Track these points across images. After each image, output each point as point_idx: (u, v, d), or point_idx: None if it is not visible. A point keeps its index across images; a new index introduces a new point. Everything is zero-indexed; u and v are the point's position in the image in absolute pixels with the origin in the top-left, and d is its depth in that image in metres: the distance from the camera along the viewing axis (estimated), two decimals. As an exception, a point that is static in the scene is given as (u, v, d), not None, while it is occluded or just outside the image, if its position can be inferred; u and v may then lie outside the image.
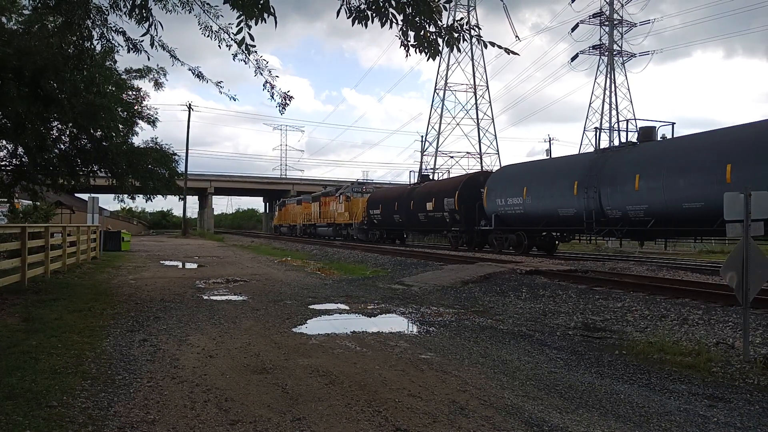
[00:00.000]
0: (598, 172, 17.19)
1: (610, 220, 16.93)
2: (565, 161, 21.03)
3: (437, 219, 25.70)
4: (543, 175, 20.23)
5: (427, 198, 26.49)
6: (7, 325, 7.22)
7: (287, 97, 8.55)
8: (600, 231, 17.74)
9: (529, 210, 20.00)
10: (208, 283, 13.40)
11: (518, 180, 21.01)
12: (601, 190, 16.92)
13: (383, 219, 31.93)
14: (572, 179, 18.12)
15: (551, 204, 19.03)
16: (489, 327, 8.25)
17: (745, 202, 6.30)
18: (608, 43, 62.33)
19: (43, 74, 10.50)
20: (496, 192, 21.72)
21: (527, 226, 20.53)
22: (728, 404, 4.89)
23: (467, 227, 23.70)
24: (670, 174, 14.89)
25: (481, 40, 5.39)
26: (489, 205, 21.96)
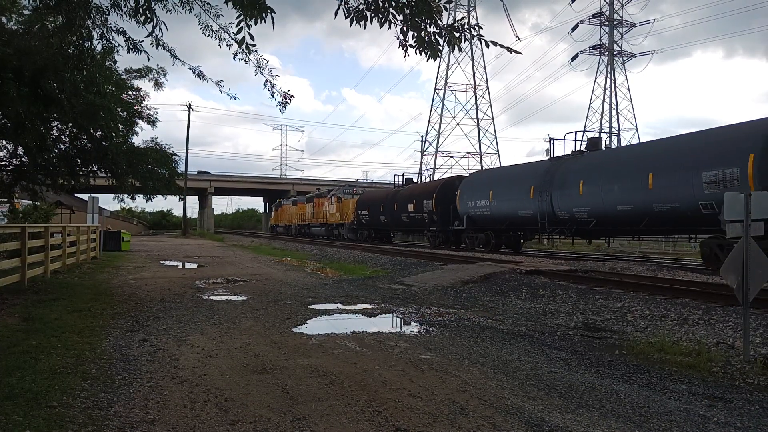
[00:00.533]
0: (551, 178, 19.08)
1: (561, 221, 18.81)
2: (524, 168, 22.96)
3: (418, 219, 27.87)
4: (506, 181, 22.54)
5: (408, 200, 28.56)
6: (7, 325, 7.22)
7: (287, 96, 8.56)
8: (552, 230, 19.79)
9: (495, 211, 22.12)
10: (208, 283, 13.40)
11: (486, 184, 23.31)
12: (553, 194, 18.82)
13: (371, 219, 33.81)
14: (529, 184, 20.05)
15: (512, 206, 21.16)
16: (489, 327, 8.25)
17: (745, 202, 6.30)
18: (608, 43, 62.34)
19: (43, 74, 10.50)
20: (467, 195, 23.83)
21: (494, 225, 22.58)
22: (728, 404, 4.89)
23: (443, 227, 25.82)
24: (607, 181, 16.86)
25: (483, 39, 5.38)
26: (461, 207, 24.11)
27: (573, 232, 19.14)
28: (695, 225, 14.72)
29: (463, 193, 24.24)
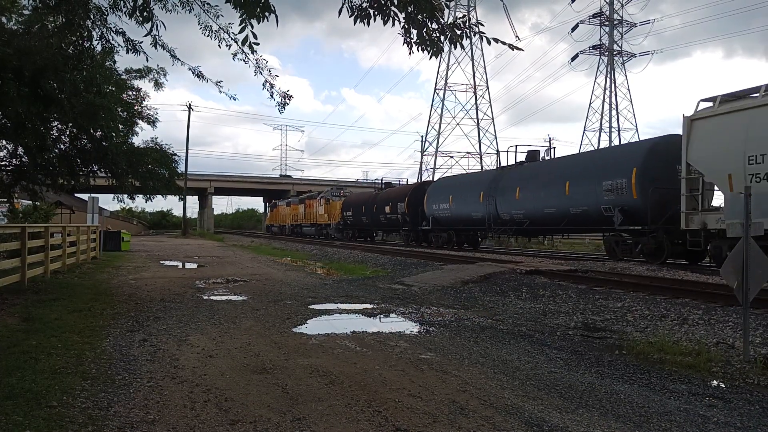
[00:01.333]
0: (496, 185, 22.36)
1: (503, 222, 21.84)
2: (476, 176, 27.60)
3: (393, 220, 31.10)
4: (462, 187, 25.56)
5: (386, 203, 31.76)
6: (7, 325, 7.22)
7: (287, 96, 8.57)
8: (497, 230, 22.93)
9: (454, 213, 25.23)
10: (208, 283, 13.40)
11: (447, 190, 26.46)
12: (497, 198, 21.99)
13: (354, 220, 36.70)
14: (480, 190, 23.27)
15: (467, 209, 24.19)
16: (489, 327, 8.25)
17: (746, 203, 6.30)
18: (608, 43, 62.39)
19: (43, 74, 10.50)
20: (433, 199, 26.87)
21: (454, 225, 25.72)
22: (728, 404, 4.89)
23: (414, 227, 29.04)
24: (537, 187, 20.04)
25: (484, 36, 5.38)
26: (428, 210, 27.15)
27: (513, 231, 22.44)
28: (599, 224, 17.69)
29: (429, 197, 27.21)
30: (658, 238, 15.13)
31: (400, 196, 30.39)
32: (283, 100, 8.53)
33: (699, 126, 13.68)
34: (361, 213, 35.15)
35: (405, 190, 30.96)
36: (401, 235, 32.07)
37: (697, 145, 13.62)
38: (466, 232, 25.69)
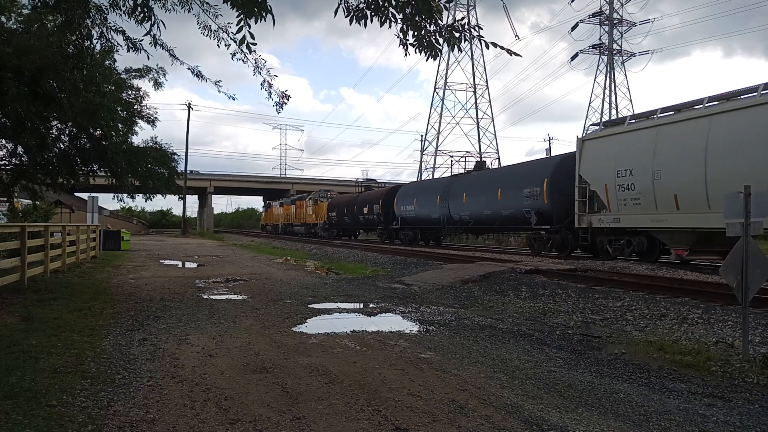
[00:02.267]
0: (449, 190, 25.76)
1: (455, 222, 25.35)
2: (435, 182, 31.67)
3: (371, 220, 34.52)
4: (424, 191, 29.17)
5: (364, 204, 35.09)
6: (6, 324, 7.22)
7: (285, 96, 8.57)
8: (450, 229, 26.60)
9: (418, 214, 28.89)
10: (207, 282, 13.40)
11: (412, 194, 30.04)
12: (449, 202, 25.38)
13: (338, 220, 39.66)
14: (436, 194, 26.74)
15: (427, 211, 27.65)
16: (488, 326, 8.25)
17: (745, 202, 6.30)
18: (608, 43, 62.35)
19: (42, 73, 10.49)
20: (401, 201, 30.48)
21: (418, 225, 29.45)
22: (728, 403, 4.90)
23: (386, 226, 32.37)
24: (478, 193, 23.51)
25: (483, 40, 5.37)
26: (397, 211, 30.69)
27: (462, 230, 26.68)
28: (522, 224, 21.07)
29: (399, 199, 30.74)
30: (563, 235, 18.50)
31: (376, 198, 33.89)
32: (281, 99, 8.53)
33: (587, 145, 17.03)
34: (344, 214, 38.20)
35: (380, 194, 34.37)
36: (377, 233, 35.48)
37: (585, 161, 16.94)
38: (428, 231, 29.35)
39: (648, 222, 14.83)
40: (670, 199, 14.09)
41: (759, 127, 11.84)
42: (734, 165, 12.33)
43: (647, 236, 15.34)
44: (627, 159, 15.25)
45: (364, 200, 35.64)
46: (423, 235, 29.72)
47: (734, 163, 12.37)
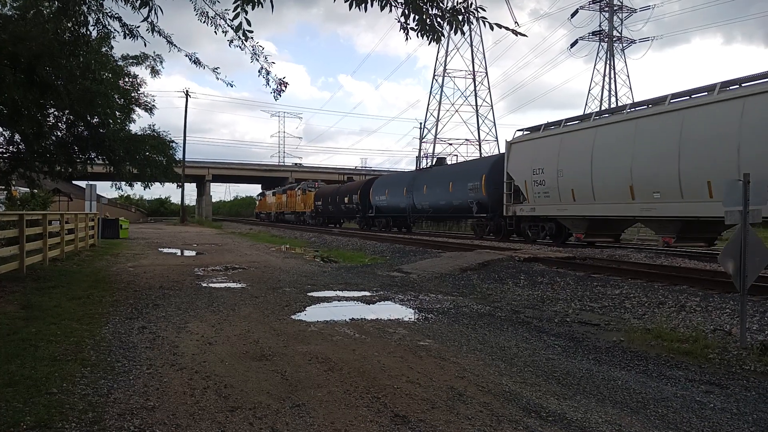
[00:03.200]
0: (414, 182, 29.40)
1: (418, 211, 29.00)
2: (403, 175, 34.62)
3: (351, 208, 37.91)
4: (395, 183, 32.65)
5: (345, 194, 38.42)
6: (6, 312, 7.23)
7: (283, 83, 8.53)
8: (414, 217, 30.89)
9: (389, 204, 32.38)
10: (206, 270, 13.41)
11: (385, 185, 33.55)
12: (414, 193, 29.00)
13: (323, 209, 43.03)
14: (404, 186, 30.40)
15: (397, 201, 31.24)
16: (487, 314, 8.28)
17: (744, 190, 6.30)
18: (608, 29, 61.98)
19: (39, 60, 10.42)
20: (375, 192, 34.07)
21: (390, 213, 32.92)
22: (725, 390, 4.92)
23: (363, 214, 36.00)
24: (436, 185, 27.04)
25: (486, 22, 5.31)
26: (372, 200, 34.31)
27: (424, 218, 31.20)
28: (467, 213, 24.52)
29: (373, 190, 34.31)
30: (497, 222, 22.27)
31: (355, 189, 37.42)
32: (279, 87, 8.49)
33: (513, 148, 20.68)
34: (328, 203, 41.76)
35: (358, 185, 38.32)
36: (356, 220, 38.74)
37: (511, 161, 20.60)
38: (398, 218, 32.73)
39: (555, 211, 18.46)
40: (569, 192, 17.63)
41: (625, 134, 15.61)
42: (609, 163, 16.01)
43: (555, 222, 19.09)
44: (540, 160, 18.80)
45: (345, 191, 39.09)
46: (394, 222, 33.12)
47: (609, 162, 16.00)
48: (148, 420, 3.83)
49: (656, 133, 14.56)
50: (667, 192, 14.17)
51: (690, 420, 4.16)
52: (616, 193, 15.83)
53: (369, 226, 35.55)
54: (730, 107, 12.76)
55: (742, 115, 12.36)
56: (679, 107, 14.22)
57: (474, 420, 3.98)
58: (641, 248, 18.45)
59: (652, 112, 14.96)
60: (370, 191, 34.41)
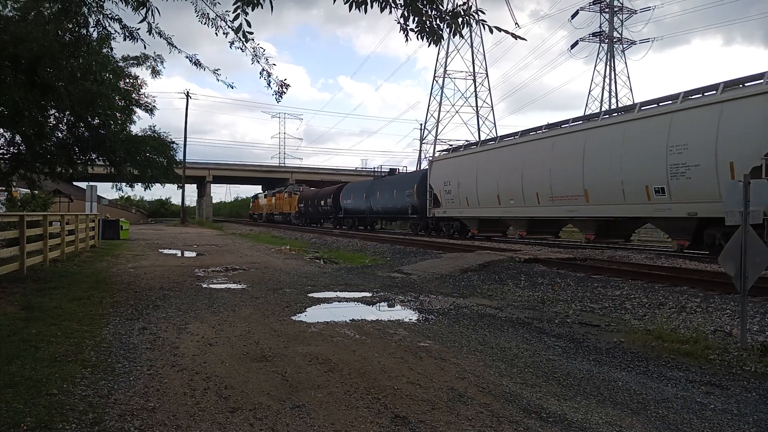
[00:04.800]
0: (371, 189, 35.08)
1: (375, 212, 35.03)
2: (364, 182, 39.33)
3: (326, 210, 43.59)
4: (358, 189, 38.16)
5: (322, 198, 44.53)
6: (6, 313, 7.23)
7: (284, 85, 8.52)
8: (371, 218, 37.14)
9: (354, 206, 38.10)
10: (207, 271, 13.41)
11: (351, 191, 39.30)
12: (371, 198, 34.72)
13: (305, 210, 48.59)
14: (364, 192, 36.09)
15: (358, 204, 37.04)
16: (487, 315, 8.27)
17: (744, 191, 6.30)
18: (608, 30, 61.98)
19: (40, 62, 10.41)
20: (343, 196, 39.75)
21: (354, 215, 38.62)
22: (725, 391, 4.92)
23: (335, 215, 41.55)
24: (385, 192, 32.85)
25: (486, 24, 5.30)
26: (342, 204, 39.86)
27: (378, 218, 37.37)
28: (406, 215, 30.65)
29: (342, 195, 39.95)
30: (424, 222, 28.50)
31: (329, 194, 42.98)
32: (281, 89, 8.48)
33: (433, 165, 27.29)
34: (309, 205, 47.32)
35: (332, 190, 43.43)
36: (330, 220, 44.33)
37: (432, 175, 26.75)
38: (360, 219, 38.42)
39: (458, 213, 24.76)
40: (465, 199, 23.94)
41: (495, 158, 22.05)
42: (486, 179, 22.35)
43: (459, 222, 25.49)
44: (448, 175, 25.04)
45: (322, 195, 45.41)
46: (359, 222, 38.97)
47: (486, 178, 22.35)
48: (148, 421, 3.83)
49: (508, 158, 21.24)
50: (517, 199, 20.55)
51: (690, 421, 4.16)
52: (490, 200, 22.18)
53: (340, 225, 41.27)
54: (576, 138, 17.89)
55: (585, 143, 17.43)
56: (521, 141, 20.95)
57: (474, 421, 3.98)
58: (641, 249, 18.45)
59: (509, 143, 21.90)
60: (340, 196, 40.26)
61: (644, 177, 14.99)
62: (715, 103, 13.41)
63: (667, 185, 14.36)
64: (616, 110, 21.55)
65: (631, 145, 15.50)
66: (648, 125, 15.16)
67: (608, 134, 16.54)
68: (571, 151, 17.80)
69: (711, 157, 13.29)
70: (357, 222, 39.05)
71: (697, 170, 13.63)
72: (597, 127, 17.24)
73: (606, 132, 16.70)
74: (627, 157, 15.61)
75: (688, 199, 13.87)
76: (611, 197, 16.26)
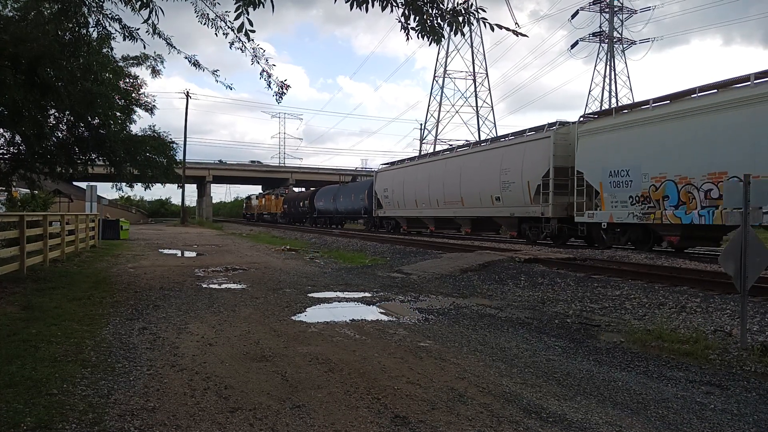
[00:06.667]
0: (337, 193, 42.15)
1: (340, 213, 42.12)
2: (332, 187, 45.73)
3: (304, 211, 50.24)
4: (327, 193, 44.67)
5: (302, 200, 51.58)
6: (6, 313, 7.23)
7: (284, 86, 8.53)
8: (337, 218, 44.09)
9: (324, 208, 44.52)
10: (207, 271, 13.41)
11: (323, 194, 45.49)
12: (336, 201, 41.73)
13: (288, 211, 55.13)
14: (331, 196, 43.12)
15: (328, 206, 43.76)
16: (487, 315, 8.27)
17: (744, 191, 6.30)
18: (608, 30, 61.97)
19: (39, 62, 10.41)
20: (317, 199, 46.47)
21: (327, 215, 45.00)
22: (725, 391, 4.92)
23: (311, 216, 48.23)
24: (347, 196, 39.73)
25: (487, 23, 5.30)
26: (316, 205, 46.63)
27: (343, 218, 43.66)
28: (361, 214, 38.02)
29: (315, 198, 46.81)
30: (375, 222, 35.14)
31: (306, 197, 50.20)
32: (281, 89, 8.49)
33: (378, 175, 34.17)
34: (291, 206, 54.03)
35: (308, 194, 50.66)
36: (307, 220, 50.15)
37: (376, 183, 33.75)
38: (330, 218, 44.90)
39: (393, 213, 32.20)
40: (396, 203, 31.05)
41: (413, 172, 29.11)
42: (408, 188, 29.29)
43: (395, 220, 32.76)
44: (387, 183, 32.35)
45: (302, 197, 52.42)
46: (330, 221, 45.38)
47: (408, 187, 29.28)
48: (148, 421, 3.83)
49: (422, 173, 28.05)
50: (427, 203, 27.51)
51: (690, 421, 4.16)
52: (411, 204, 29.18)
53: (315, 224, 47.48)
54: (457, 160, 25.15)
55: (461, 164, 24.48)
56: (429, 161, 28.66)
57: (474, 421, 3.98)
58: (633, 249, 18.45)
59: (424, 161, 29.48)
60: (314, 199, 47.07)
61: (490, 190, 21.99)
62: (522, 143, 20.64)
63: (501, 195, 21.38)
64: (485, 140, 27.67)
65: (485, 167, 22.47)
66: (493, 154, 22.36)
67: (474, 159, 23.72)
68: (454, 170, 24.96)
69: (520, 178, 20.21)
70: (328, 221, 45.49)
71: (514, 186, 20.60)
72: (468, 154, 24.90)
73: (474, 157, 23.89)
74: (483, 175, 22.56)
75: (511, 204, 20.86)
76: (476, 203, 23.27)
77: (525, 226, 20.47)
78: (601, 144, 16.62)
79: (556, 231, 18.84)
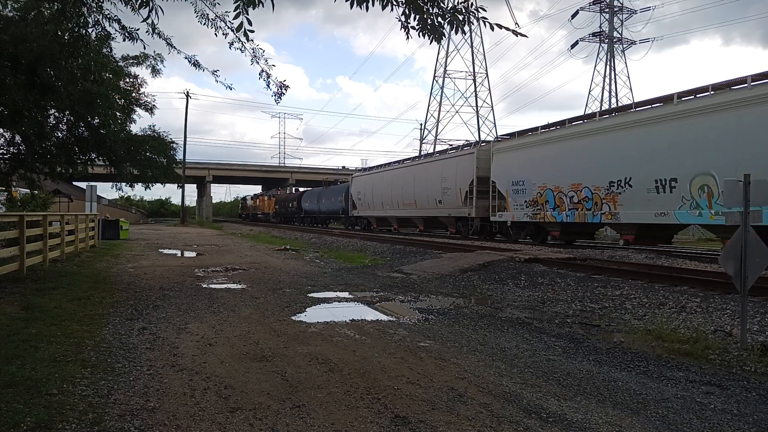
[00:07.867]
0: (320, 195, 45.80)
1: (323, 213, 46.04)
2: (316, 190, 49.89)
3: (293, 211, 53.57)
4: (312, 195, 49.09)
5: (291, 201, 54.92)
6: (6, 313, 7.23)
7: (283, 86, 8.53)
8: (321, 218, 47.89)
9: (310, 208, 48.45)
10: (207, 271, 13.41)
11: (308, 196, 49.91)
12: (320, 202, 45.58)
13: (279, 211, 58.77)
14: (315, 197, 46.95)
15: (313, 206, 47.71)
16: (487, 315, 8.27)
17: (745, 190, 6.29)
18: (608, 30, 61.94)
19: (39, 62, 10.42)
20: (304, 200, 50.37)
21: (311, 215, 48.96)
22: (725, 391, 4.92)
23: (298, 216, 51.78)
24: (328, 198, 43.80)
25: (487, 22, 5.30)
26: (302, 206, 50.29)
27: (325, 218, 47.29)
28: (341, 215, 42.05)
29: (303, 199, 50.76)
30: (351, 219, 39.26)
31: (295, 198, 53.72)
32: (280, 90, 8.49)
33: (353, 180, 38.60)
34: (282, 207, 57.71)
35: (296, 195, 54.31)
36: (296, 219, 53.29)
37: (352, 186, 38.15)
38: (315, 218, 48.84)
39: (365, 213, 36.30)
40: (367, 205, 35.34)
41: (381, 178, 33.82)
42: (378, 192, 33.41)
43: (367, 219, 36.87)
44: (360, 186, 36.55)
45: (291, 198, 55.85)
46: (316, 221, 48.99)
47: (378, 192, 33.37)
48: (148, 421, 3.83)
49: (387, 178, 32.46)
50: (391, 205, 31.88)
51: (690, 421, 4.16)
52: (379, 205, 33.44)
53: (302, 223, 50.81)
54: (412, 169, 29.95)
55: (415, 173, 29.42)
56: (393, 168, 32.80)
57: (474, 421, 3.97)
58: (641, 249, 18.45)
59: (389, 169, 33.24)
60: (301, 200, 50.92)
61: (435, 194, 26.67)
62: (456, 157, 25.62)
63: (442, 199, 25.92)
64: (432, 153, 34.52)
65: (431, 175, 27.19)
66: (436, 165, 27.13)
67: (424, 168, 28.53)
68: (409, 178, 29.72)
69: (455, 185, 24.92)
70: (313, 221, 49.46)
71: (450, 191, 25.24)
72: (420, 164, 29.89)
73: (424, 167, 28.74)
74: (429, 183, 27.23)
75: (449, 206, 25.38)
76: (425, 205, 27.85)
77: (460, 224, 25.41)
78: (508, 160, 21.96)
79: (479, 228, 23.85)
